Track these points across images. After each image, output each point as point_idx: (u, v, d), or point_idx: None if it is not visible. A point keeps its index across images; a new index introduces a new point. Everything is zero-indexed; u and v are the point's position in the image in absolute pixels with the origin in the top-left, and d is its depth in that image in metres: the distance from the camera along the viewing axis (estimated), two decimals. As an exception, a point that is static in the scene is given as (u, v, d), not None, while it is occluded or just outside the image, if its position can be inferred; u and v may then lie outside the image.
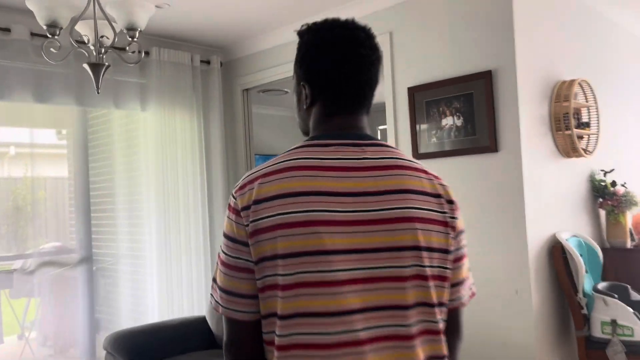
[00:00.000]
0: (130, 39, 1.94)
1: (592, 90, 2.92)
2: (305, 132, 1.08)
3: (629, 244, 2.95)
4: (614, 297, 2.40)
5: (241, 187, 0.96)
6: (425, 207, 0.96)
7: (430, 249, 0.95)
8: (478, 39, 2.59)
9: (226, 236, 0.96)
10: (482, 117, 2.58)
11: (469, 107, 2.63)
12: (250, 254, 0.92)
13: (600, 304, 2.43)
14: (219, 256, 0.99)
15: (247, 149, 3.90)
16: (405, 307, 0.92)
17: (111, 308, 3.42)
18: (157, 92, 3.44)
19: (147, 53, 3.37)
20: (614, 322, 2.37)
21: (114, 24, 1.95)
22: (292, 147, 0.99)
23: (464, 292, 1.03)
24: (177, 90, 3.54)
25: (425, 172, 1.00)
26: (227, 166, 3.86)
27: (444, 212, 0.98)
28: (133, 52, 2.28)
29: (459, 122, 2.67)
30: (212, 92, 3.78)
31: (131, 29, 1.89)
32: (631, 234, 3.03)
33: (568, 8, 3.01)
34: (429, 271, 0.94)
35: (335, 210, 0.91)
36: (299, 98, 1.06)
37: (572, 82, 2.77)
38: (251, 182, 0.95)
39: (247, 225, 0.92)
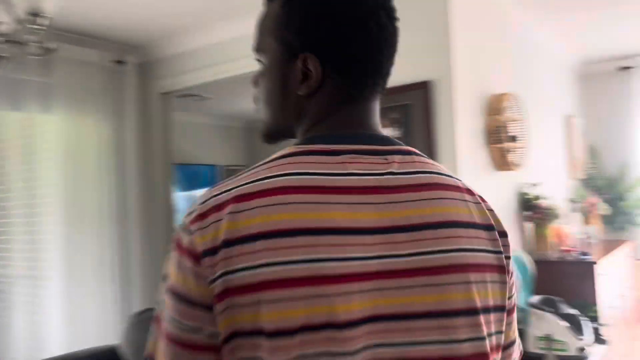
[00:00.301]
0: (33, 26, 1.65)
1: (520, 104, 2.97)
2: (280, 134, 0.75)
3: (553, 256, 3.01)
4: (549, 311, 2.40)
5: (201, 216, 0.60)
6: (479, 247, 0.65)
7: (486, 310, 0.64)
8: (416, 50, 2.53)
9: (175, 294, 0.60)
10: (420, 128, 2.52)
11: (407, 119, 2.56)
12: (216, 325, 0.57)
13: (534, 318, 2.43)
14: (158, 324, 0.62)
15: (165, 158, 3.60)
16: None
17: (2, 338, 2.98)
18: (63, 94, 3.09)
19: (50, 50, 3.01)
20: (548, 337, 2.37)
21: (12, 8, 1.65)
22: (280, 154, 0.65)
23: (515, 355, 0.73)
24: (87, 92, 3.21)
25: (470, 192, 0.70)
26: (143, 177, 3.54)
27: (499, 252, 0.68)
28: (36, 43, 1.96)
29: (396, 134, 2.58)
30: (126, 95, 3.46)
31: (35, 14, 1.61)
32: (556, 246, 3.11)
33: (498, 24, 3.05)
34: (488, 346, 0.63)
35: (352, 258, 0.58)
36: (286, 81, 0.70)
37: (503, 95, 2.79)
38: (218, 208, 0.60)
39: (214, 280, 0.57)
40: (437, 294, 0.61)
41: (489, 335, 0.64)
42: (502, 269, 0.67)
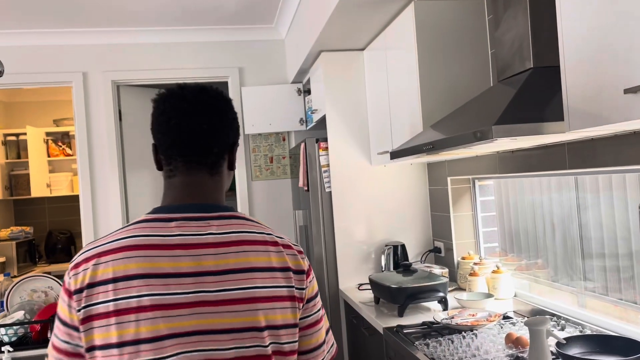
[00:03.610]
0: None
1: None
2: None
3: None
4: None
5: (76, 266, 0.91)
6: (270, 285, 0.93)
7: (275, 327, 0.93)
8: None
9: (58, 318, 0.92)
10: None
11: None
12: (82, 339, 0.88)
13: None
14: (51, 341, 0.93)
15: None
16: None
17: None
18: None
19: None
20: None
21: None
22: (134, 221, 0.95)
23: (323, 356, 1.03)
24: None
25: (275, 244, 0.98)
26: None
27: (291, 286, 0.96)
28: None
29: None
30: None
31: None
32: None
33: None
34: (270, 349, 0.92)
35: (174, 293, 0.87)
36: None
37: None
38: (86, 260, 0.91)
39: (79, 310, 0.88)
40: (232, 317, 0.89)
41: (276, 343, 0.92)
42: (292, 298, 0.95)
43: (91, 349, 0.87)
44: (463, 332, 1.88)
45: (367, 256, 3.10)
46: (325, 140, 3.09)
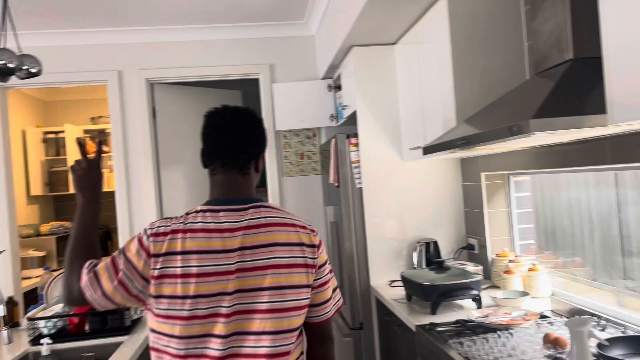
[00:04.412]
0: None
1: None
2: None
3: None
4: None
5: (156, 235, 1.24)
6: (288, 255, 1.27)
7: (293, 287, 1.25)
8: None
9: (130, 262, 1.23)
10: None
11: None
12: (143, 283, 1.22)
13: None
14: (113, 258, 1.25)
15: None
16: (269, 333, 1.23)
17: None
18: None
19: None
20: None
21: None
22: (194, 210, 1.28)
23: (327, 309, 1.37)
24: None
25: (293, 225, 1.31)
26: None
27: (305, 256, 1.29)
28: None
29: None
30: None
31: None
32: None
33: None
34: (292, 304, 1.25)
35: (227, 264, 1.22)
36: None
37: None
38: (164, 234, 1.23)
39: (155, 269, 1.21)
40: (261, 279, 1.23)
41: (295, 299, 1.26)
42: (306, 266, 1.28)
43: (159, 296, 1.21)
44: (498, 331, 1.84)
45: (399, 253, 3.07)
46: (356, 136, 3.07)
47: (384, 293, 2.74)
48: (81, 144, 1.47)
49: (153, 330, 1.24)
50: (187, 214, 1.28)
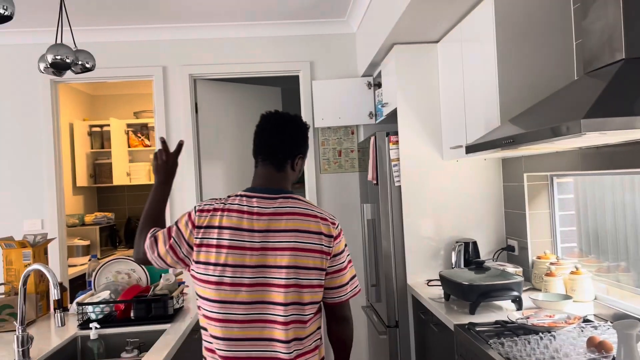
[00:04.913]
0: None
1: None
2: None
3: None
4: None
5: (201, 211, 1.51)
6: (307, 241, 1.48)
7: (307, 268, 1.46)
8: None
9: (178, 229, 1.52)
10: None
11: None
12: (188, 249, 1.49)
13: None
14: (169, 228, 1.55)
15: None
16: (282, 304, 1.44)
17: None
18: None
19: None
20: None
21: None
22: (235, 194, 1.54)
23: (343, 292, 1.56)
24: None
25: (315, 216, 1.52)
26: None
27: (322, 244, 1.49)
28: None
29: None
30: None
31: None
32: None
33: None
34: (304, 282, 1.46)
35: (251, 242, 1.46)
36: None
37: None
38: (207, 211, 1.50)
39: (197, 238, 1.48)
40: (281, 259, 1.45)
41: (307, 279, 1.46)
42: (322, 253, 1.49)
43: (198, 262, 1.46)
44: (540, 333, 1.82)
45: (436, 252, 3.06)
46: (396, 134, 3.07)
47: (421, 292, 2.74)
48: (164, 141, 1.86)
49: (196, 292, 1.50)
50: (229, 196, 1.54)
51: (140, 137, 5.50)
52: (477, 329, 1.98)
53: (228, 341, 1.44)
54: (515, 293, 2.24)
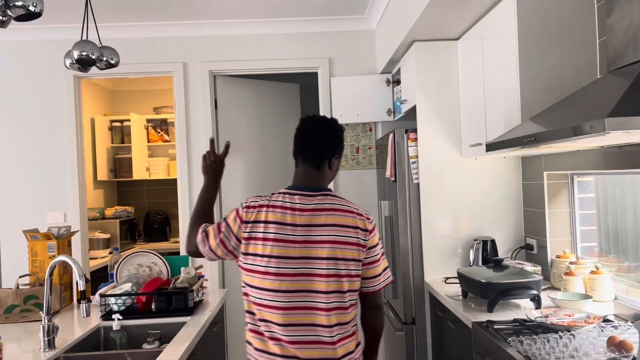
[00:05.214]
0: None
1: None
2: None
3: None
4: None
5: (248, 207, 1.65)
6: (345, 235, 1.61)
7: (345, 259, 1.60)
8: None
9: (227, 224, 1.66)
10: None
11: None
12: (239, 246, 1.63)
13: None
14: (219, 223, 1.69)
15: None
16: (324, 292, 1.58)
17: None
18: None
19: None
20: None
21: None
22: (279, 191, 1.68)
23: (376, 282, 1.70)
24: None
25: (352, 212, 1.66)
26: None
27: (358, 237, 1.63)
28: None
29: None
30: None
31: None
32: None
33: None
34: (343, 272, 1.59)
35: (294, 235, 1.59)
36: None
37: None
38: (254, 207, 1.64)
39: (245, 232, 1.62)
40: (321, 251, 1.58)
41: (346, 269, 1.60)
42: (357, 244, 1.62)
43: (246, 254, 1.61)
44: (559, 332, 1.82)
45: (454, 250, 3.06)
46: (414, 131, 3.07)
47: (439, 289, 2.75)
48: (212, 141, 1.99)
49: (243, 281, 1.64)
50: (272, 194, 1.68)
51: (159, 133, 5.57)
52: (496, 326, 1.99)
53: (274, 325, 1.57)
54: (534, 292, 2.23)
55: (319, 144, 1.70)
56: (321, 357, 1.57)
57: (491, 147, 2.16)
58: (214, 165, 1.91)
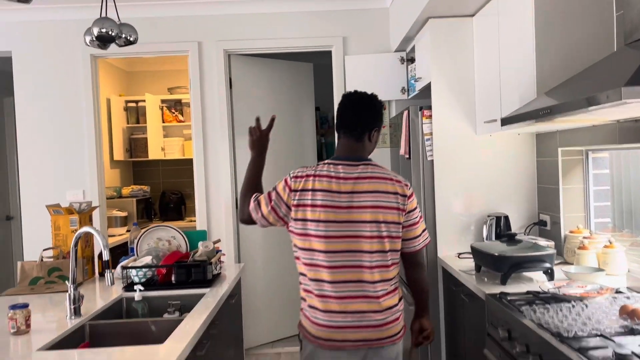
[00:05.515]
0: None
1: None
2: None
3: None
4: None
5: (296, 177, 1.83)
6: (385, 200, 1.79)
7: (386, 222, 1.79)
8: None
9: (278, 194, 1.84)
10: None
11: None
12: (289, 213, 1.82)
13: None
14: (269, 192, 1.87)
15: None
16: (368, 252, 1.77)
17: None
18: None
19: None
20: None
21: None
22: (323, 162, 1.85)
23: (416, 243, 1.90)
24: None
25: (391, 179, 1.83)
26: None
27: (397, 202, 1.81)
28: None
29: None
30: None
31: None
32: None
33: None
34: (385, 234, 1.79)
35: (340, 201, 1.78)
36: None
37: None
38: (301, 177, 1.82)
39: (294, 199, 1.81)
40: (366, 215, 1.77)
41: (387, 231, 1.79)
42: (397, 209, 1.81)
43: (296, 219, 1.80)
44: (572, 302, 1.85)
45: (467, 227, 3.09)
46: (429, 108, 3.08)
47: (452, 264, 2.78)
48: (258, 119, 2.09)
49: (294, 245, 1.83)
50: (317, 164, 1.86)
51: (174, 113, 5.61)
52: (509, 298, 2.02)
53: (324, 283, 1.76)
54: (547, 265, 2.26)
55: (359, 118, 1.85)
56: (367, 310, 1.76)
57: (506, 121, 2.17)
58: (260, 140, 2.05)
